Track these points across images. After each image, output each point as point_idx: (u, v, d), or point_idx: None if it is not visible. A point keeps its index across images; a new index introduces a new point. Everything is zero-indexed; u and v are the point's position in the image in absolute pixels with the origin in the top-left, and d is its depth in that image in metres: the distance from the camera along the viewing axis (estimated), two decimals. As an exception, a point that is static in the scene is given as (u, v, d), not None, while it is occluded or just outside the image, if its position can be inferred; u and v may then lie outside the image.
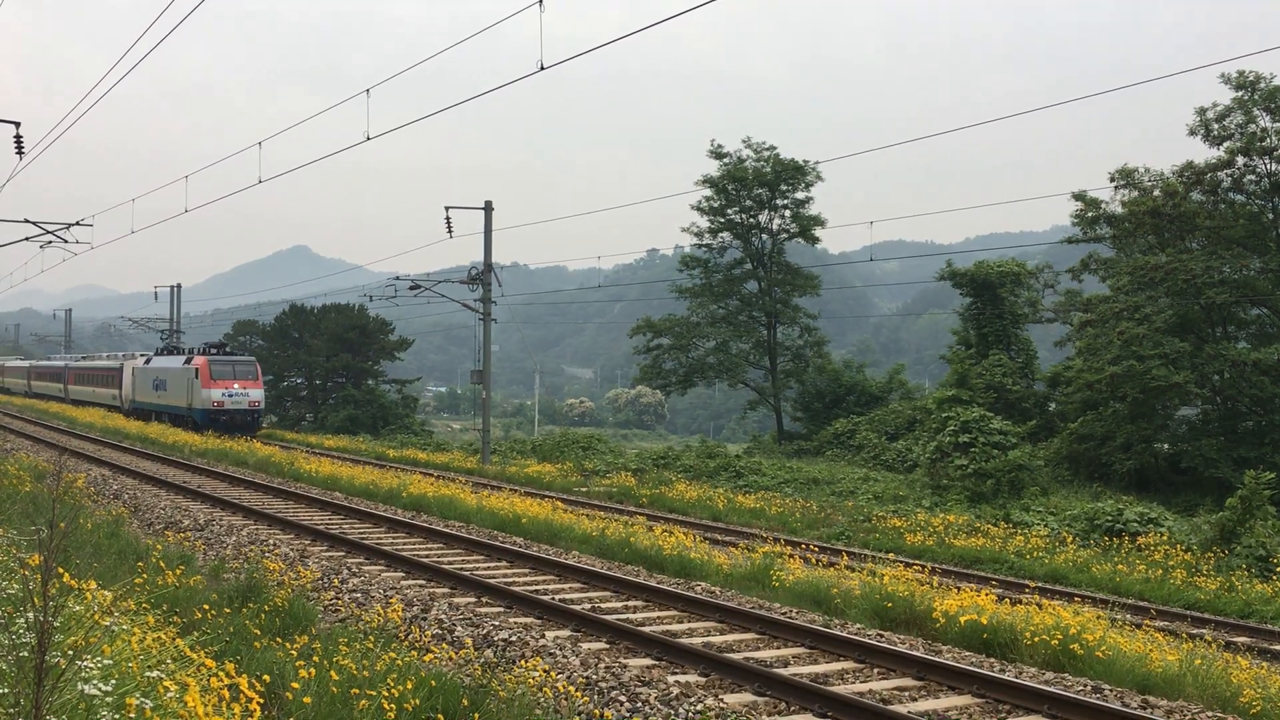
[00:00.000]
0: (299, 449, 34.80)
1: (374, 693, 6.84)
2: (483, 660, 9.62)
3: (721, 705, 8.79)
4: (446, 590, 13.64)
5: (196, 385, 44.37)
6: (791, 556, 16.86)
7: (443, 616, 11.69)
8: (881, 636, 11.88)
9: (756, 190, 46.47)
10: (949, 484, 27.81)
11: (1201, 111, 31.42)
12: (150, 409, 51.15)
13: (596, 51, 17.04)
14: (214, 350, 47.91)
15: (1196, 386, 29.98)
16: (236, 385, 44.38)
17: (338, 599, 12.49)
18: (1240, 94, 30.45)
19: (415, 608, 12.07)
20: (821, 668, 10.51)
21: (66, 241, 34.21)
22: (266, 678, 6.34)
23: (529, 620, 11.98)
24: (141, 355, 58.54)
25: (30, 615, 4.68)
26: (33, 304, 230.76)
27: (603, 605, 13.15)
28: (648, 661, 10.36)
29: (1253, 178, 31.18)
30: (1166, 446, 31.83)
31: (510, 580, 14.55)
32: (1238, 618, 15.92)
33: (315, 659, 7.43)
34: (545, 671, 8.91)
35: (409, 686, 7.24)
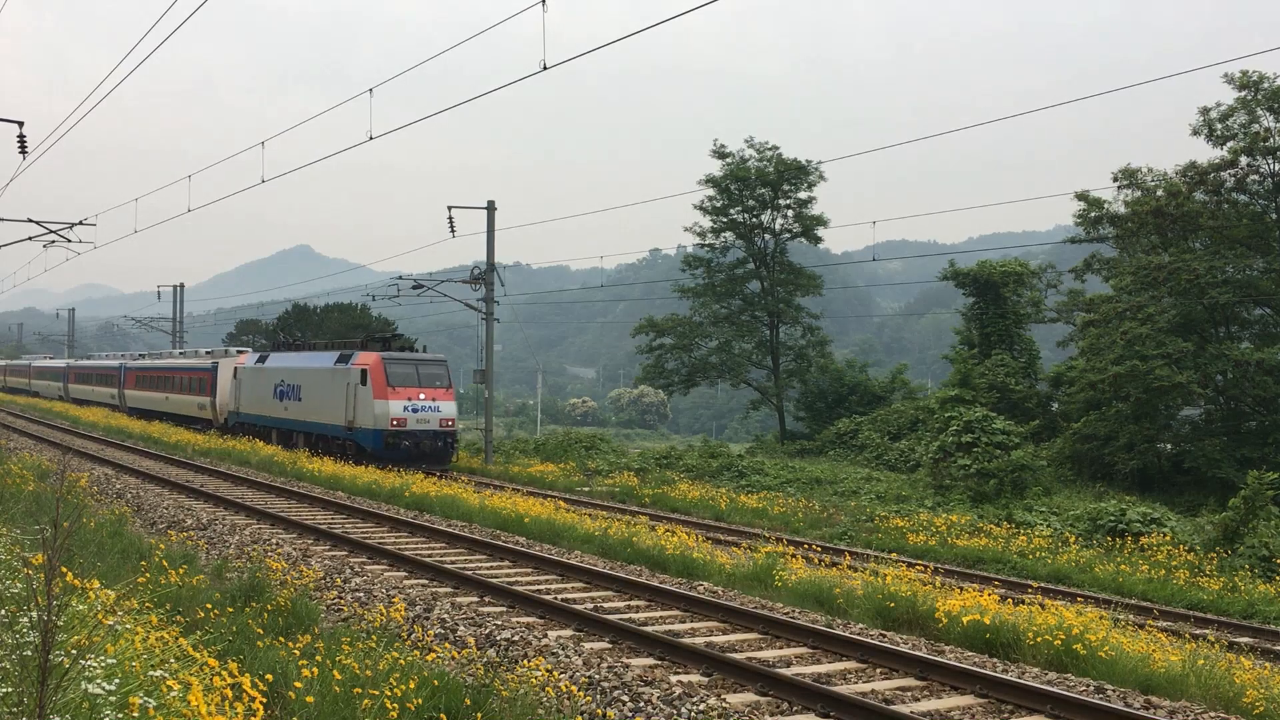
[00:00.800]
0: (302, 449, 34.73)
1: (377, 692, 6.85)
2: (485, 660, 9.62)
3: (724, 705, 8.78)
4: (449, 590, 13.65)
5: (363, 395, 31.05)
6: (794, 556, 16.86)
7: (445, 616, 11.70)
8: (884, 636, 11.88)
9: (759, 190, 46.44)
10: (952, 484, 27.79)
11: (1205, 111, 31.37)
12: (267, 426, 37.47)
13: (599, 51, 17.07)
14: (382, 344, 33.65)
15: (1199, 386, 29.93)
16: (423, 396, 31.00)
17: (340, 598, 12.50)
18: (1244, 94, 30.40)
19: (418, 607, 12.08)
20: (824, 668, 10.51)
21: (70, 241, 34.24)
22: (269, 677, 6.34)
23: (531, 620, 11.98)
24: (240, 350, 45.74)
25: (34, 614, 4.68)
26: (36, 303, 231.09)
27: (605, 605, 13.16)
28: (650, 661, 10.36)
29: (1256, 178, 31.13)
30: (1169, 447, 31.79)
31: (513, 580, 14.56)
32: (1241, 618, 15.91)
33: (318, 658, 7.45)
34: (548, 671, 8.91)
35: (411, 686, 7.24)
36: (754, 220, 47.44)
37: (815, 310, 49.28)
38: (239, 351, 45.07)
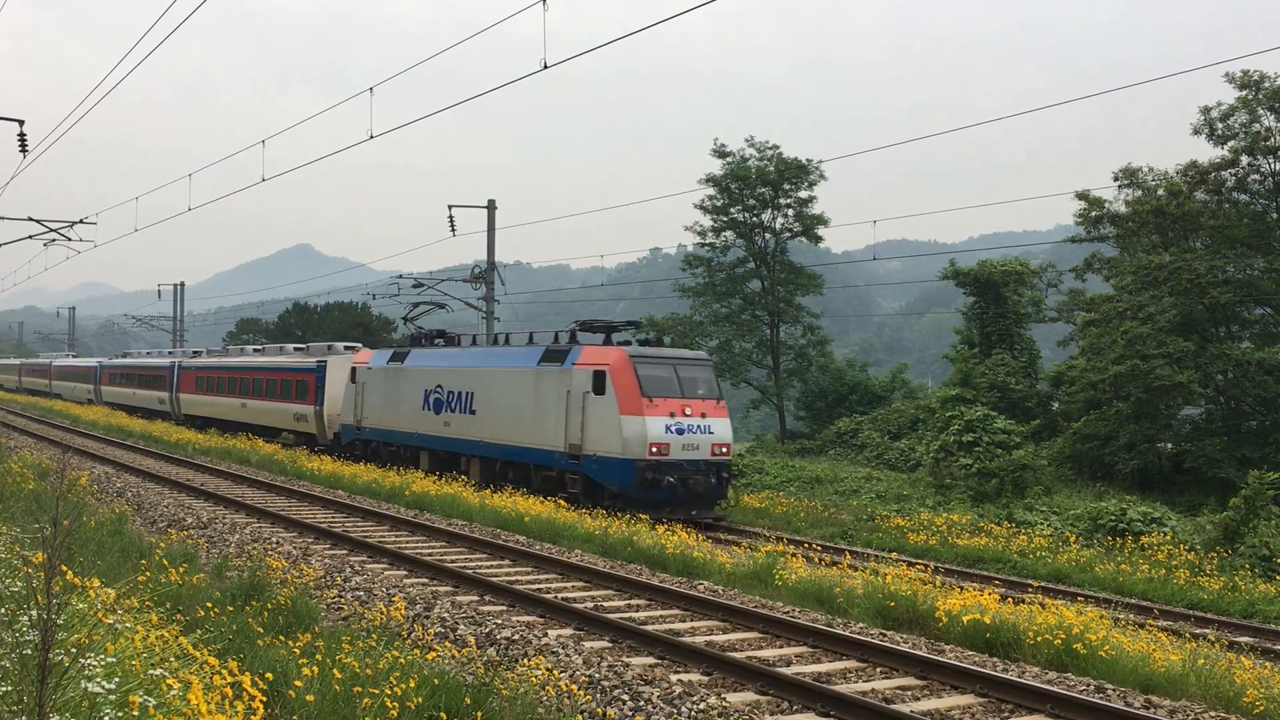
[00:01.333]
0: (301, 447, 34.72)
1: (377, 691, 6.85)
2: (485, 659, 9.62)
3: (724, 704, 8.78)
4: (449, 589, 13.65)
5: (599, 409, 22.28)
6: (794, 555, 16.85)
7: (445, 615, 11.70)
8: (884, 636, 11.87)
9: (760, 189, 46.43)
10: (952, 483, 27.79)
11: (1206, 111, 31.35)
12: (412, 445, 29.12)
13: (600, 51, 17.09)
14: (603, 335, 24.71)
15: (1200, 386, 29.92)
16: (689, 410, 22.41)
17: (340, 597, 12.50)
18: (1244, 93, 30.38)
19: (418, 606, 12.08)
20: (824, 667, 10.50)
21: (70, 239, 34.30)
22: (269, 676, 6.34)
23: (531, 619, 11.98)
24: (350, 346, 36.02)
25: (34, 613, 4.68)
26: (36, 302, 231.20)
27: (605, 604, 13.15)
28: (650, 660, 10.36)
29: (1257, 177, 31.11)
30: (1170, 446, 31.78)
31: (513, 579, 14.55)
32: (1241, 617, 15.91)
33: (318, 657, 7.45)
34: (548, 670, 8.91)
35: (412, 685, 7.24)
36: (754, 219, 47.42)
37: (815, 310, 49.27)
38: (347, 348, 35.79)
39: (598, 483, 22.57)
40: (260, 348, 44.87)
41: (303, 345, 40.10)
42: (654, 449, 21.78)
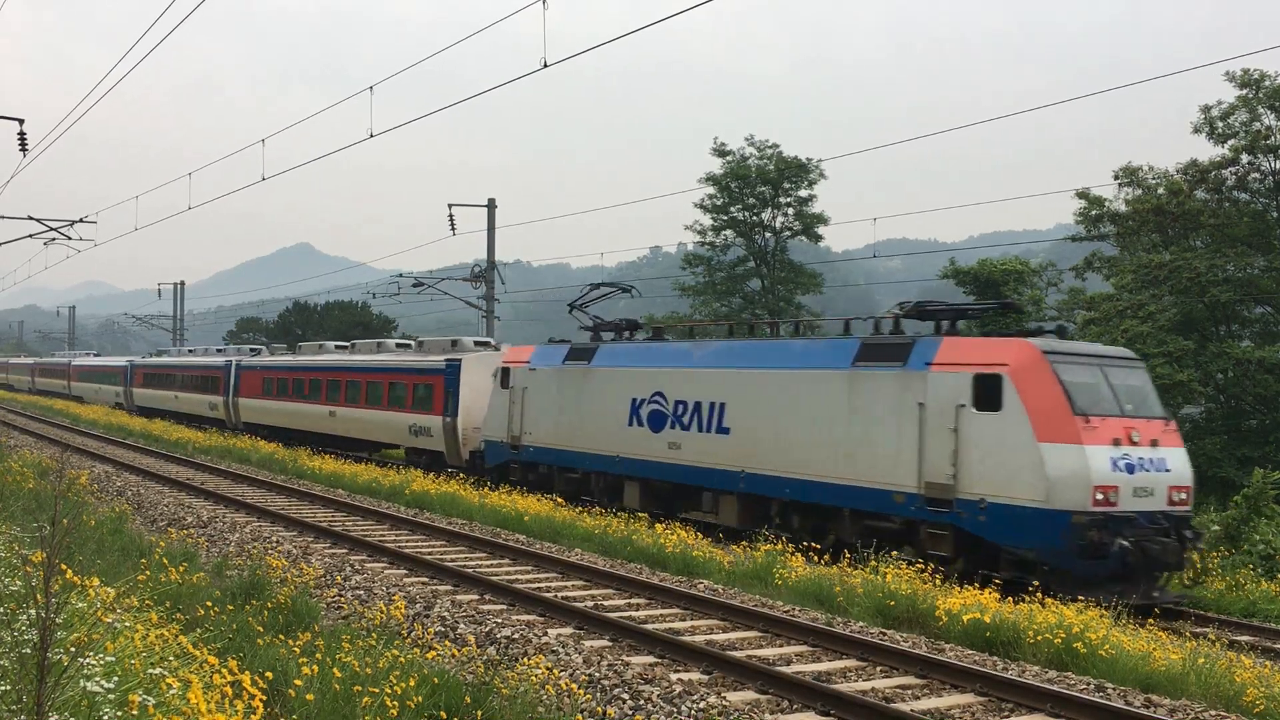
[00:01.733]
0: (302, 447, 34.65)
1: (377, 690, 6.85)
2: (485, 658, 9.62)
3: (724, 703, 8.78)
4: (449, 588, 13.65)
5: (999, 432, 14.91)
6: (794, 554, 16.83)
7: (445, 614, 11.70)
8: (884, 635, 11.87)
9: (760, 188, 46.42)
10: (952, 482, 27.69)
11: (1206, 109, 31.33)
12: (612, 472, 21.93)
13: (600, 50, 17.05)
14: (948, 322, 17.40)
15: (1200, 385, 29.90)
16: (1135, 436, 15.05)
17: (340, 596, 12.50)
18: (1245, 92, 30.37)
19: (418, 605, 12.08)
20: (824, 666, 10.50)
21: (70, 238, 34.34)
22: (269, 675, 6.34)
23: (531, 618, 11.98)
24: (481, 343, 29.30)
25: (33, 612, 4.68)
26: (36, 301, 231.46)
27: (605, 603, 13.15)
28: (650, 659, 10.36)
29: (1257, 176, 31.08)
30: (1170, 445, 31.74)
31: (513, 578, 14.55)
32: (1241, 617, 15.89)
33: (318, 656, 7.45)
34: (548, 669, 8.91)
35: (412, 684, 7.25)
36: (754, 218, 47.42)
37: (816, 308, 49.26)
38: (479, 343, 29.00)
39: (987, 543, 15.41)
40: (349, 345, 36.87)
41: (406, 340, 33.61)
42: (1099, 495, 14.33)
